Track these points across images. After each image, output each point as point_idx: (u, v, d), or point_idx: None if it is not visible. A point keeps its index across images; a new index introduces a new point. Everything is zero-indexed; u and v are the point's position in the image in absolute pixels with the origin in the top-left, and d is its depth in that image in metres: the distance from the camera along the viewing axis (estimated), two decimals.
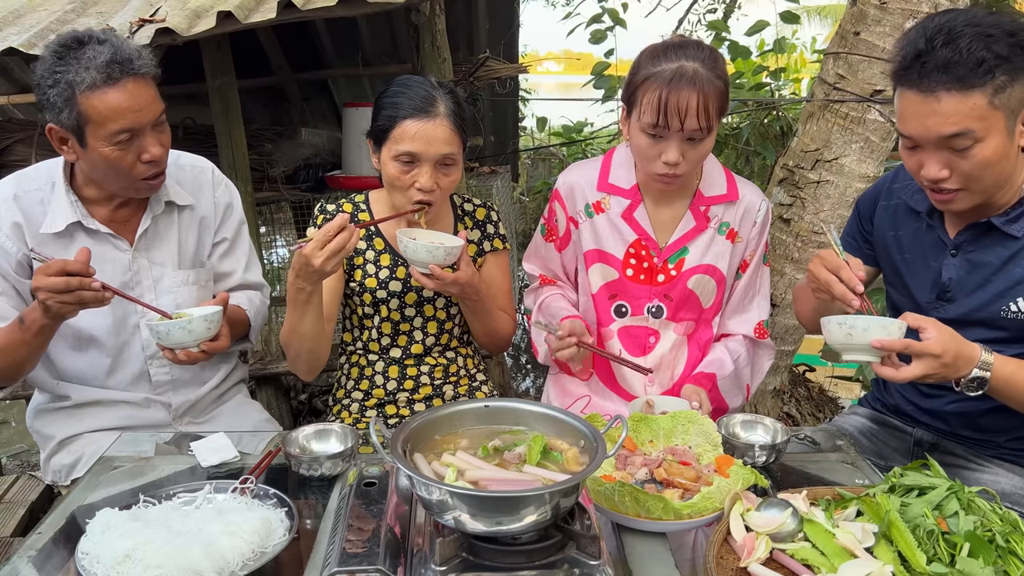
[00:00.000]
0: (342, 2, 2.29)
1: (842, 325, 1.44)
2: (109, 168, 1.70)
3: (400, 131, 1.79)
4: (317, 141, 3.48)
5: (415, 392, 2.05)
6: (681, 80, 1.66)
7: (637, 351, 1.99)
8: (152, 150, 1.70)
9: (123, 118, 1.64)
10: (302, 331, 1.75)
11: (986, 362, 1.45)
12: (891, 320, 1.44)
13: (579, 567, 1.14)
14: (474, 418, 1.36)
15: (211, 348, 1.70)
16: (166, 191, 1.89)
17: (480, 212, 2.08)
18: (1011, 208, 1.58)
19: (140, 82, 1.67)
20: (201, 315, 1.66)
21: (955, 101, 1.42)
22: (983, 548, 1.15)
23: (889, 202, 1.81)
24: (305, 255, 1.60)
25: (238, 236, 2.05)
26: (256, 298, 2.08)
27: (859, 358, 1.46)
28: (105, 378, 1.91)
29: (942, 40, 1.41)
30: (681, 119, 1.67)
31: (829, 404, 3.94)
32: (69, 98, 1.62)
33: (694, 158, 1.76)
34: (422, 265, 1.74)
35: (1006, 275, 1.59)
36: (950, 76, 1.40)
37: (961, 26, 1.41)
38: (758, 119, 4.08)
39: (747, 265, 1.97)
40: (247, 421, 2.06)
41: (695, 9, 6.24)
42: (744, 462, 1.47)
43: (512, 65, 4.01)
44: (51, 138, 1.70)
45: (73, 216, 1.78)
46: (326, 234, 1.60)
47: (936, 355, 1.41)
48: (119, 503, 1.35)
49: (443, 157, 1.81)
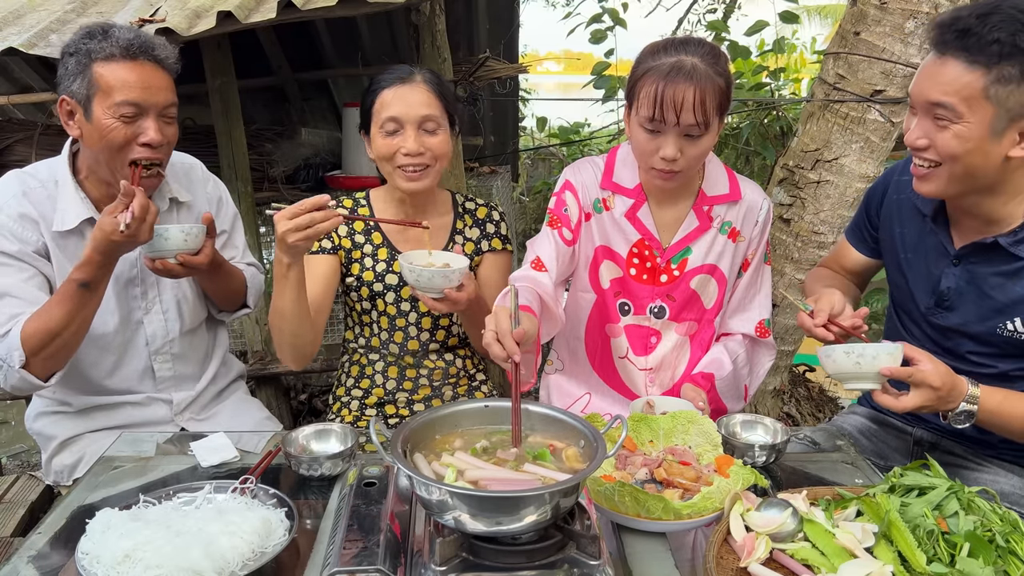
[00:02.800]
0: (342, 2, 2.29)
1: (850, 354, 1.44)
2: (104, 145, 1.70)
3: (380, 101, 1.86)
4: (317, 141, 3.48)
5: (414, 392, 2.05)
6: (679, 74, 1.65)
7: (639, 351, 1.99)
8: (151, 133, 1.70)
9: (130, 90, 1.67)
10: (281, 307, 1.75)
11: (973, 395, 1.46)
12: (894, 345, 1.44)
13: (579, 567, 1.14)
14: (474, 418, 1.37)
15: (189, 262, 1.74)
16: (170, 189, 1.91)
17: (481, 211, 2.08)
18: (1018, 228, 1.55)
19: (157, 67, 1.72)
20: (177, 226, 1.72)
21: (955, 71, 1.40)
22: (983, 548, 1.15)
23: (897, 195, 1.80)
24: (277, 221, 1.61)
25: (234, 228, 2.10)
26: (249, 271, 2.11)
27: (862, 386, 1.47)
28: (107, 378, 1.92)
29: (980, 11, 1.40)
30: (677, 112, 1.66)
31: (829, 404, 3.94)
32: (85, 65, 1.67)
33: (692, 155, 1.74)
34: (436, 291, 1.70)
35: (1006, 293, 1.58)
36: (962, 43, 1.39)
37: (1006, 6, 1.39)
38: (758, 119, 4.08)
39: (748, 264, 1.97)
40: (247, 418, 2.07)
41: (695, 9, 6.25)
42: (744, 462, 1.47)
43: (512, 65, 4.01)
44: (60, 112, 1.72)
45: (86, 212, 1.79)
46: (299, 207, 1.60)
47: (935, 387, 1.42)
48: (119, 503, 1.35)
49: (423, 119, 1.84)
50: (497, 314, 1.50)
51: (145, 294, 1.90)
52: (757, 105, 4.13)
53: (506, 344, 1.45)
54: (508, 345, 1.44)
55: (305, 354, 1.86)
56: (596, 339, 2.02)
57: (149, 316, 1.91)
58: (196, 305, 1.99)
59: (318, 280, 1.89)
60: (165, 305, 1.93)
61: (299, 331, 1.79)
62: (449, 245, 2.02)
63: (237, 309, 2.10)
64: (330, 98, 4.45)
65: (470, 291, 1.74)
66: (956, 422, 1.49)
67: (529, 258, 1.97)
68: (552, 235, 1.93)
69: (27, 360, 1.66)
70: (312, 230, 1.59)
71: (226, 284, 1.98)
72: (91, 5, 2.72)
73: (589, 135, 6.75)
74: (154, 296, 1.91)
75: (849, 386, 1.48)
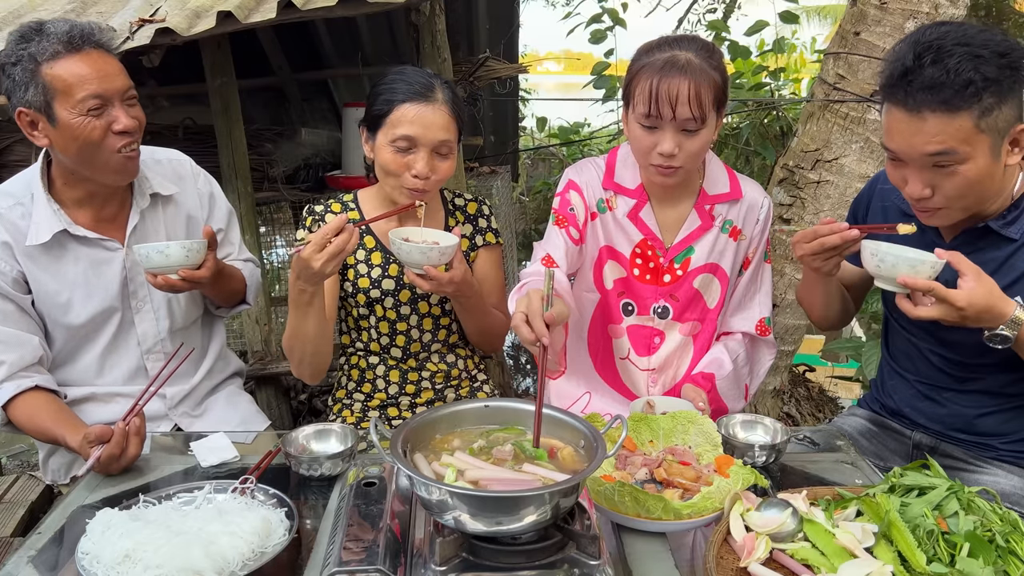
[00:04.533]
0: (342, 2, 2.29)
1: (875, 255, 1.44)
2: (82, 144, 1.68)
3: (398, 115, 1.77)
4: (317, 141, 3.48)
5: (417, 396, 2.05)
6: (673, 68, 1.65)
7: (642, 351, 1.99)
8: (124, 120, 1.68)
9: (89, 83, 1.64)
10: (305, 332, 1.74)
11: (1017, 320, 1.44)
12: (924, 256, 1.42)
13: (579, 567, 1.14)
14: (474, 418, 1.37)
15: (191, 276, 1.74)
16: (149, 184, 1.89)
17: (471, 206, 2.06)
18: (1007, 211, 1.57)
19: (103, 53, 1.69)
20: (178, 243, 1.71)
21: (940, 122, 1.40)
22: (983, 548, 1.15)
23: (882, 203, 1.81)
24: (304, 258, 1.59)
25: (230, 224, 2.09)
26: (247, 268, 2.11)
27: (886, 287, 1.48)
28: (98, 377, 1.92)
29: (931, 58, 1.39)
30: (673, 107, 1.66)
31: (829, 404, 3.94)
32: (33, 71, 1.63)
33: (691, 150, 1.73)
34: (416, 266, 1.70)
35: (1002, 276, 1.58)
36: (936, 97, 1.38)
37: (951, 44, 1.39)
38: (758, 119, 4.08)
39: (749, 263, 1.97)
40: (239, 411, 2.08)
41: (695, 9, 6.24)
42: (744, 462, 1.47)
43: (512, 65, 4.01)
44: (21, 124, 1.69)
45: (58, 225, 1.77)
46: (324, 236, 1.58)
47: (959, 307, 1.40)
48: (119, 503, 1.35)
49: (440, 144, 1.80)
50: (530, 295, 1.46)
51: (135, 294, 1.90)
52: (757, 105, 4.13)
53: (535, 325, 1.41)
54: (537, 326, 1.41)
55: (323, 368, 1.87)
56: (599, 339, 2.02)
57: (140, 316, 1.91)
58: (188, 304, 1.99)
59: (325, 291, 1.88)
60: (156, 304, 1.92)
61: (321, 350, 1.80)
62: None
63: (235, 305, 2.10)
64: (330, 98, 4.46)
65: (454, 274, 1.72)
66: (991, 342, 1.47)
67: (538, 255, 1.98)
68: (561, 234, 1.93)
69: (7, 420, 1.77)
70: (344, 252, 1.60)
71: (227, 287, 1.98)
72: (91, 5, 2.72)
73: (589, 135, 6.74)
74: (144, 296, 1.90)
75: (877, 283, 1.49)
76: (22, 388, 1.74)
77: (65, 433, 1.65)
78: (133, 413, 1.58)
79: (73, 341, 1.88)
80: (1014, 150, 1.46)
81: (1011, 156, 1.47)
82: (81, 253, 1.82)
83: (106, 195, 1.83)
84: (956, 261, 1.42)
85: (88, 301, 1.84)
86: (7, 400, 1.74)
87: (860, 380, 3.93)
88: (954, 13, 2.59)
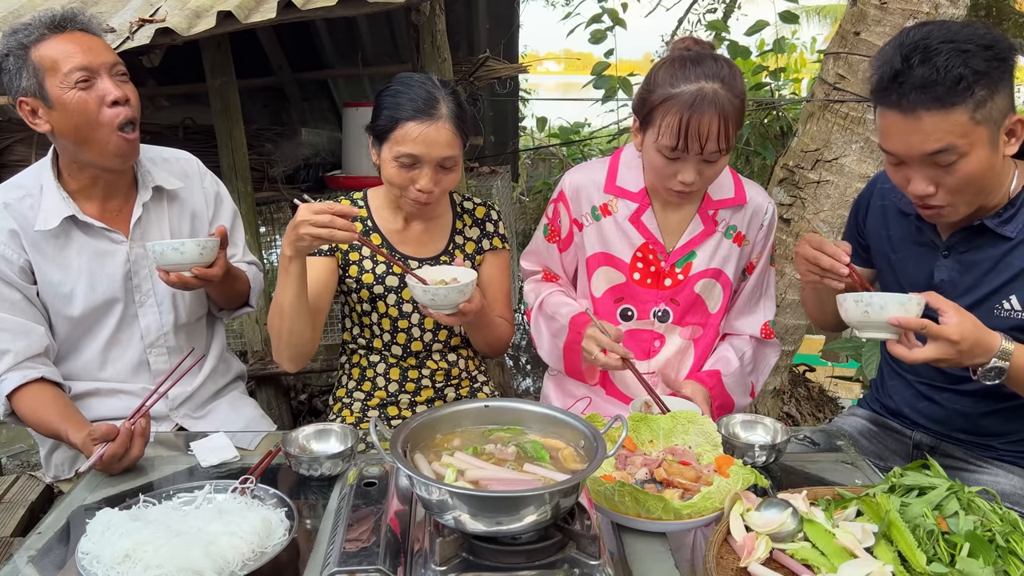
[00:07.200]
0: (342, 2, 2.29)
1: (859, 303, 1.43)
2: (78, 122, 1.70)
3: (401, 133, 1.78)
4: (317, 141, 3.48)
5: (416, 394, 2.05)
6: (702, 104, 1.63)
7: (641, 355, 1.98)
8: (114, 91, 1.71)
9: (74, 57, 1.68)
10: (280, 303, 1.75)
11: (1006, 351, 1.43)
12: (909, 296, 1.42)
13: (579, 567, 1.14)
14: (474, 418, 1.36)
15: (204, 274, 1.76)
16: (152, 177, 1.91)
17: (480, 210, 2.07)
18: (1003, 209, 1.57)
19: (88, 34, 1.74)
20: (193, 240, 1.73)
21: (936, 119, 1.40)
22: (983, 548, 1.15)
23: (880, 202, 1.81)
24: (299, 214, 1.61)
25: (234, 225, 2.09)
26: (251, 271, 2.12)
27: (876, 336, 1.46)
28: (101, 370, 1.92)
29: (919, 58, 1.40)
30: (702, 144, 1.66)
31: (829, 404, 3.94)
32: (23, 58, 1.69)
33: (710, 176, 1.75)
34: (452, 308, 1.69)
35: (998, 274, 1.59)
36: (929, 96, 1.39)
37: (936, 43, 1.40)
38: (758, 119, 4.08)
39: (753, 267, 1.97)
40: (242, 416, 2.08)
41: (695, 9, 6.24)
42: (744, 462, 1.47)
43: (512, 65, 4.01)
44: (23, 114, 1.73)
45: (67, 210, 1.79)
46: (328, 207, 1.60)
47: (953, 341, 1.39)
48: (119, 503, 1.35)
49: (444, 160, 1.81)
50: (592, 336, 1.77)
51: (139, 287, 1.90)
52: (757, 105, 4.13)
53: (617, 351, 1.74)
54: (619, 351, 1.74)
55: (302, 354, 1.85)
56: None
57: (144, 309, 1.92)
58: (193, 301, 1.99)
59: (315, 282, 1.89)
60: (160, 298, 1.93)
61: (297, 328, 1.78)
62: (449, 245, 2.01)
63: (238, 308, 2.10)
64: (330, 98, 4.45)
65: (478, 301, 1.75)
66: (986, 378, 1.46)
67: (531, 269, 2.09)
68: (552, 248, 2.04)
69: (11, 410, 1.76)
70: (326, 232, 1.59)
71: (233, 287, 1.98)
72: (91, 5, 2.72)
73: (589, 135, 6.74)
74: (148, 289, 1.91)
75: (864, 335, 1.48)
76: (28, 379, 1.74)
77: (68, 429, 1.65)
78: (140, 414, 1.59)
79: (76, 333, 1.88)
80: (1010, 140, 1.48)
81: (1008, 147, 1.48)
82: (86, 244, 1.84)
83: (110, 183, 1.85)
84: (934, 300, 1.43)
85: (91, 292, 1.85)
86: (12, 390, 1.73)
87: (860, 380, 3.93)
88: (954, 13, 2.59)
